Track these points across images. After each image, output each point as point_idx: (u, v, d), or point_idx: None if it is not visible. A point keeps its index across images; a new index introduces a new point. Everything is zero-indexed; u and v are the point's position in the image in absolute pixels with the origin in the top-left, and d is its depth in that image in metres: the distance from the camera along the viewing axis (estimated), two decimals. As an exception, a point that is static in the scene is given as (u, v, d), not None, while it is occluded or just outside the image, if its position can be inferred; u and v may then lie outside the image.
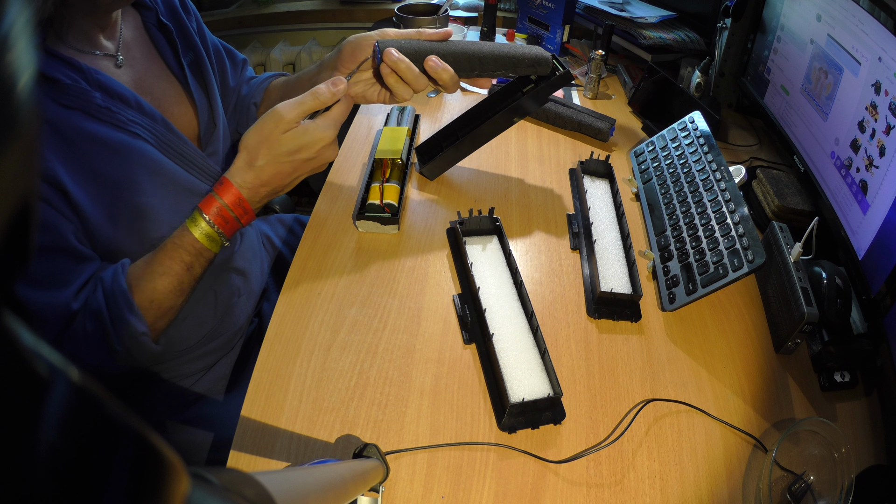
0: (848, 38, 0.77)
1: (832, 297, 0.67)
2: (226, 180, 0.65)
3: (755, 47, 1.07)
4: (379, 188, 0.81)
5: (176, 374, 0.77)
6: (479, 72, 0.73)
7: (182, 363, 0.77)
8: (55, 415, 0.13)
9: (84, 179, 0.61)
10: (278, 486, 0.26)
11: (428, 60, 0.69)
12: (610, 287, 0.71)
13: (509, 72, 0.75)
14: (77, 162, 0.61)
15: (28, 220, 0.14)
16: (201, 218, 0.64)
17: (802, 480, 0.56)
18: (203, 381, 0.79)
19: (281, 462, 0.54)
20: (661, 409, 0.62)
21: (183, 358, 0.77)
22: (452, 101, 1.14)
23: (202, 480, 0.19)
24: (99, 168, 0.62)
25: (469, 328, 0.67)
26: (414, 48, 0.70)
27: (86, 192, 0.61)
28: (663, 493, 0.55)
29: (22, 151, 0.13)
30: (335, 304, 0.69)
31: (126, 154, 0.64)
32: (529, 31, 1.43)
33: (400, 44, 0.70)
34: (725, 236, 0.71)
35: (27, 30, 0.13)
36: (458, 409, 0.60)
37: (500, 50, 0.74)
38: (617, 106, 1.17)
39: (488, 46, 0.73)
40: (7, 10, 0.12)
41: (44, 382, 0.13)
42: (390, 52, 0.67)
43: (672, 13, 1.31)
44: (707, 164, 0.83)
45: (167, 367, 0.76)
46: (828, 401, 0.65)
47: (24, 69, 0.13)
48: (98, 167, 0.62)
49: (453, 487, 0.53)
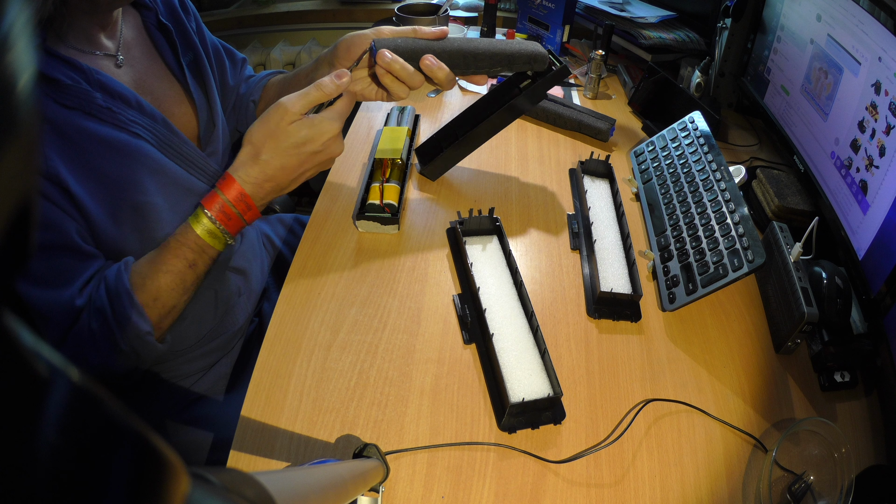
0: (848, 38, 0.77)
1: (832, 297, 0.67)
2: (228, 176, 0.65)
3: (755, 47, 1.07)
4: (379, 188, 0.81)
5: (176, 374, 0.77)
6: (475, 69, 0.73)
7: (182, 363, 0.77)
8: (55, 415, 0.13)
9: (86, 178, 0.61)
10: (278, 486, 0.26)
11: (424, 59, 0.69)
12: (610, 287, 0.71)
13: (505, 68, 0.75)
14: (79, 161, 0.61)
15: (28, 219, 0.14)
16: (203, 214, 0.64)
17: (802, 480, 0.56)
18: (203, 381, 0.79)
19: (281, 462, 0.54)
20: (661, 409, 0.62)
21: (183, 357, 0.77)
22: (452, 100, 1.14)
23: (202, 480, 0.19)
24: (101, 167, 0.62)
25: (469, 328, 0.67)
26: (409, 47, 0.70)
27: (88, 191, 0.61)
28: (663, 493, 0.55)
29: (22, 151, 0.13)
30: (335, 304, 0.69)
31: (127, 154, 0.64)
32: (529, 31, 1.43)
33: (395, 43, 0.70)
34: (725, 236, 0.71)
35: (27, 30, 0.13)
36: (458, 409, 0.60)
37: (496, 46, 0.73)
38: (617, 106, 1.17)
39: (484, 43, 0.73)
40: (7, 10, 0.12)
41: (44, 382, 0.13)
42: (383, 53, 0.68)
43: (672, 13, 1.31)
44: (707, 164, 0.83)
45: (167, 367, 0.76)
46: (828, 401, 0.65)
47: (24, 69, 0.13)
48: (100, 166, 0.62)
49: (453, 487, 0.53)
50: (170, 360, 0.76)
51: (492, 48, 0.73)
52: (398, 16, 1.21)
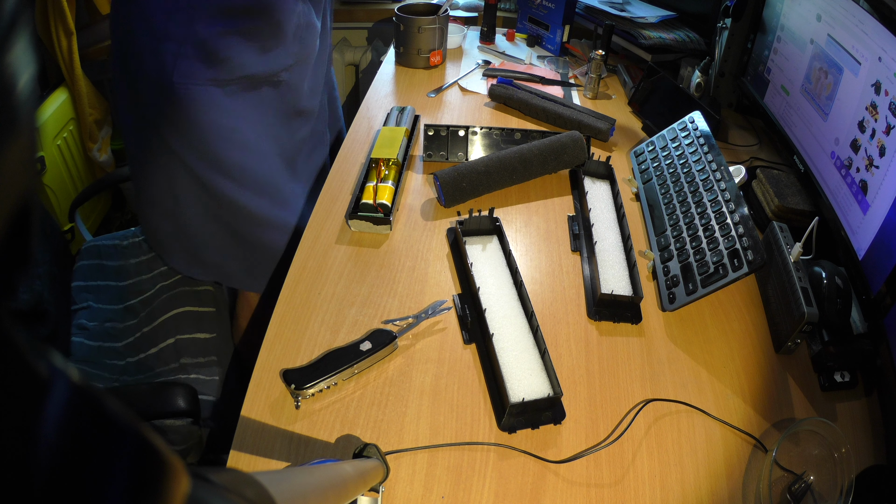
0: (848, 38, 0.77)
1: (832, 297, 0.67)
2: None
3: (755, 47, 1.07)
4: (373, 188, 0.81)
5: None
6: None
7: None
8: (55, 415, 0.13)
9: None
10: (278, 486, 0.26)
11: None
12: (611, 289, 0.71)
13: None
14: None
15: (28, 219, 0.14)
16: None
17: (802, 480, 0.56)
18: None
19: (281, 462, 0.54)
20: (661, 409, 0.62)
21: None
22: (452, 100, 1.14)
23: (202, 480, 0.19)
24: None
25: (469, 328, 0.67)
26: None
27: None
28: (663, 493, 0.55)
29: (22, 151, 0.13)
30: (335, 304, 0.69)
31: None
32: (529, 31, 1.43)
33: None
34: (725, 236, 0.71)
35: (27, 30, 0.13)
36: (458, 409, 0.60)
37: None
38: (617, 106, 1.17)
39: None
40: (7, 10, 0.12)
41: (44, 382, 0.13)
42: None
43: (672, 13, 1.31)
44: (707, 164, 0.83)
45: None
46: (828, 401, 0.65)
47: (24, 69, 0.13)
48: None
49: (453, 487, 0.53)
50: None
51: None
52: (398, 16, 1.21)
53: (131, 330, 0.97)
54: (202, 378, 0.91)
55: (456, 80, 1.21)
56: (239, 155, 0.84)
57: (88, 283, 1.04)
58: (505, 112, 1.12)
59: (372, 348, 0.61)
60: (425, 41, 1.22)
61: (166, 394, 0.80)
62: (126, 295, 1.02)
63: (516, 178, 0.87)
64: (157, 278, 1.03)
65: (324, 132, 1.05)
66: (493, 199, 0.87)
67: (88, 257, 1.08)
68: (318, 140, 1.03)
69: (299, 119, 0.93)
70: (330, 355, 0.60)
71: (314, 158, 1.02)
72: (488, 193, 0.87)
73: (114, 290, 1.03)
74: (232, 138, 0.82)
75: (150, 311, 0.98)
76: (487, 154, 0.92)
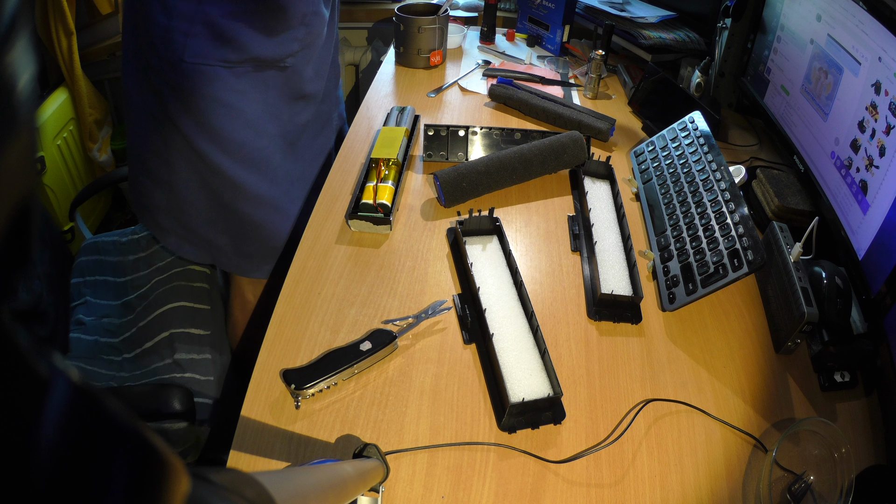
0: (848, 38, 0.77)
1: (832, 297, 0.67)
2: None
3: (755, 47, 1.07)
4: (373, 188, 0.81)
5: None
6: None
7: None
8: (56, 415, 0.13)
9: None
10: (278, 486, 0.26)
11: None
12: (611, 289, 0.71)
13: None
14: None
15: (28, 219, 0.14)
16: None
17: (802, 480, 0.56)
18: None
19: (281, 462, 0.54)
20: (661, 409, 0.62)
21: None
22: (452, 100, 1.14)
23: (202, 480, 0.19)
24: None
25: (469, 328, 0.67)
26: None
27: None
28: (663, 493, 0.55)
29: (22, 151, 0.13)
30: (335, 304, 0.69)
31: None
32: (529, 31, 1.43)
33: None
34: (725, 236, 0.71)
35: (27, 30, 0.13)
36: (458, 409, 0.60)
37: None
38: (617, 106, 1.17)
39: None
40: (7, 10, 0.12)
41: (44, 382, 0.13)
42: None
43: (672, 13, 1.31)
44: (707, 164, 0.83)
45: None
46: (828, 401, 0.65)
47: (24, 69, 0.13)
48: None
49: (453, 487, 0.53)
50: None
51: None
52: (398, 16, 1.21)
53: (128, 325, 0.97)
54: (198, 378, 0.90)
55: (456, 80, 1.21)
56: (236, 128, 0.85)
57: (87, 279, 1.04)
58: (505, 112, 1.12)
59: (372, 348, 0.61)
60: (425, 41, 1.22)
61: (161, 396, 0.80)
62: (123, 290, 1.02)
63: (516, 178, 0.87)
64: (153, 273, 1.03)
65: (330, 116, 1.06)
66: (493, 199, 0.87)
67: (88, 253, 1.08)
68: (324, 123, 1.04)
69: (302, 102, 0.94)
70: (330, 355, 0.60)
71: (319, 141, 1.03)
72: (488, 193, 0.87)
73: (111, 285, 1.03)
74: (231, 113, 0.84)
75: (146, 305, 0.98)
76: (487, 154, 0.92)
